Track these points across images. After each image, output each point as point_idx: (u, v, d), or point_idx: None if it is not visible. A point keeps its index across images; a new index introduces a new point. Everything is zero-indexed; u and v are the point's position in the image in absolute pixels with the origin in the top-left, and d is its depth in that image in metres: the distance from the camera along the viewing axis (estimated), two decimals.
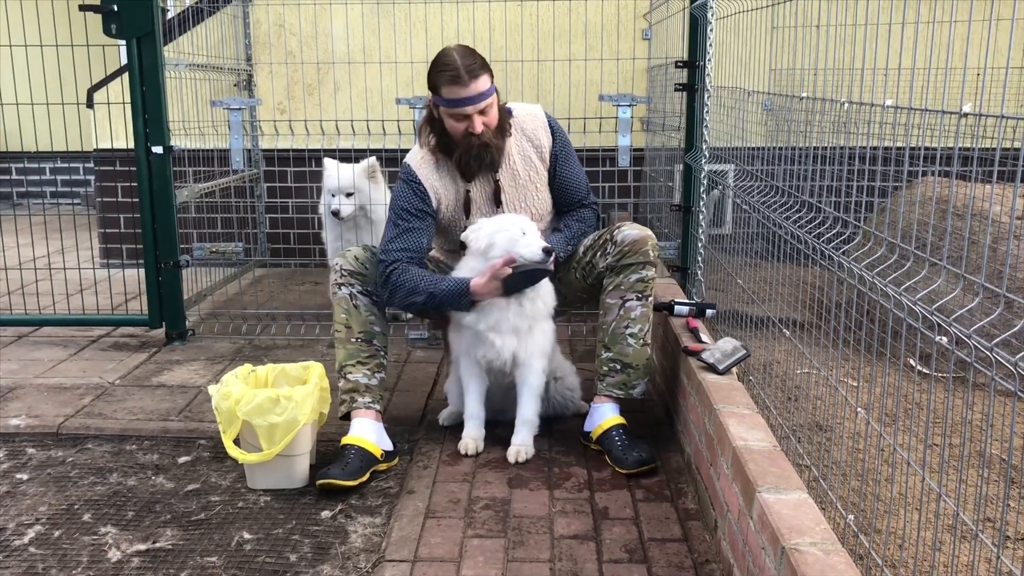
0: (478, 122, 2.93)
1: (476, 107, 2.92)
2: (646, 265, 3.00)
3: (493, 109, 2.98)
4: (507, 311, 2.93)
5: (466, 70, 2.86)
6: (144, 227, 4.20)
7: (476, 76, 2.88)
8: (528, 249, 2.88)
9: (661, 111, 4.94)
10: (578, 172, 3.23)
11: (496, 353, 2.96)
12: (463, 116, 2.93)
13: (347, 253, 3.08)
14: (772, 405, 2.79)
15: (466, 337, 3.01)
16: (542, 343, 3.03)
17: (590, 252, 3.11)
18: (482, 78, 2.90)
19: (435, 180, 3.07)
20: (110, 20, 3.99)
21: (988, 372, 1.44)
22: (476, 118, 2.93)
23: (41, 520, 2.60)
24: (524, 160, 3.12)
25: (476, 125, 2.93)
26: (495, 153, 3.01)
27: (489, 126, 2.98)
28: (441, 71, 2.89)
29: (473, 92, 2.89)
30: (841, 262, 2.06)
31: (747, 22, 3.13)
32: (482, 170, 3.05)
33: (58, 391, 3.65)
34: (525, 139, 3.12)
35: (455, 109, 2.92)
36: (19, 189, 8.77)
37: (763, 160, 3.02)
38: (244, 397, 2.70)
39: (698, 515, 2.61)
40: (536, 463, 2.97)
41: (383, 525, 2.57)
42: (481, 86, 2.90)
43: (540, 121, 3.15)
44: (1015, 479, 2.67)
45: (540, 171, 3.14)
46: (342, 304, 3.03)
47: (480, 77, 2.89)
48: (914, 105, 1.79)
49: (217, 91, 5.20)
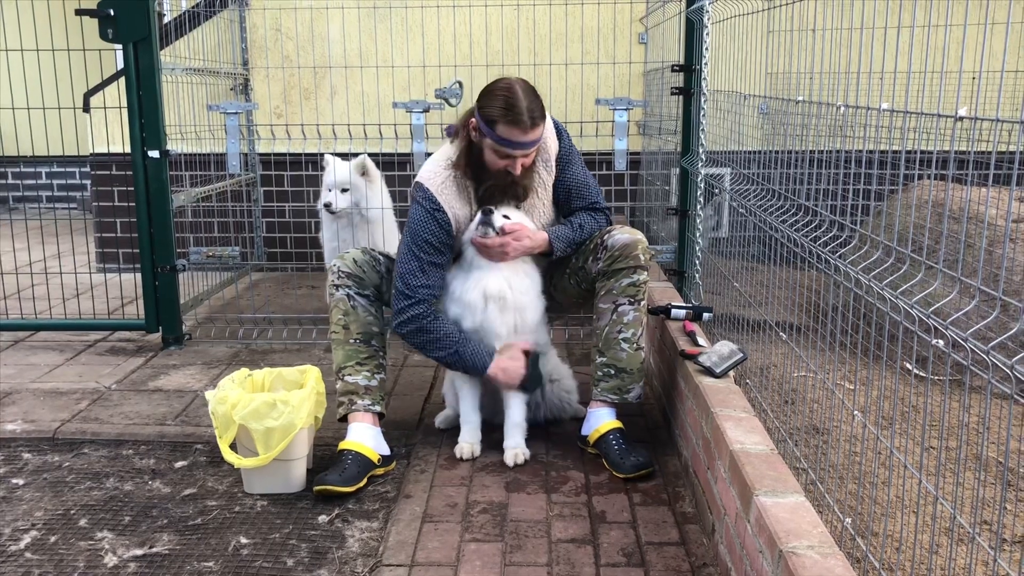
0: (519, 165, 2.89)
1: (526, 152, 2.87)
2: (637, 269, 2.99)
3: (535, 151, 2.94)
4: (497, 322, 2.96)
5: (529, 116, 2.77)
6: (140, 231, 4.19)
7: (537, 124, 2.81)
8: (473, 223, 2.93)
9: (657, 115, 4.95)
10: (584, 175, 3.15)
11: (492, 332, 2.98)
12: (508, 155, 2.86)
13: (345, 255, 3.07)
14: (769, 408, 2.79)
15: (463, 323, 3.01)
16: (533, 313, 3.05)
17: (582, 257, 3.09)
18: (542, 125, 2.84)
19: (456, 205, 2.97)
20: (106, 24, 3.99)
21: (984, 375, 1.44)
22: (519, 162, 2.88)
23: (37, 525, 2.60)
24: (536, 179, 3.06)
25: (518, 168, 2.89)
26: (521, 191, 2.97)
27: (526, 167, 2.94)
28: (505, 109, 2.77)
29: (531, 139, 2.83)
30: (837, 265, 2.07)
31: (743, 26, 3.14)
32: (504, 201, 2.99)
33: (54, 396, 3.65)
34: (539, 158, 3.04)
35: (505, 149, 2.84)
36: (15, 193, 8.76)
37: (759, 164, 3.03)
38: (241, 401, 2.69)
39: (695, 519, 2.61)
40: (533, 467, 2.96)
41: (380, 529, 2.56)
42: (538, 133, 2.84)
43: (548, 128, 3.04)
44: (1012, 482, 2.67)
45: (545, 179, 3.07)
46: (340, 305, 3.02)
47: (540, 125, 2.82)
48: (910, 109, 1.79)
49: (214, 95, 5.20)
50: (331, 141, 4.46)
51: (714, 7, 3.52)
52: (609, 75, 5.50)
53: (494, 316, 2.94)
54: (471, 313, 2.95)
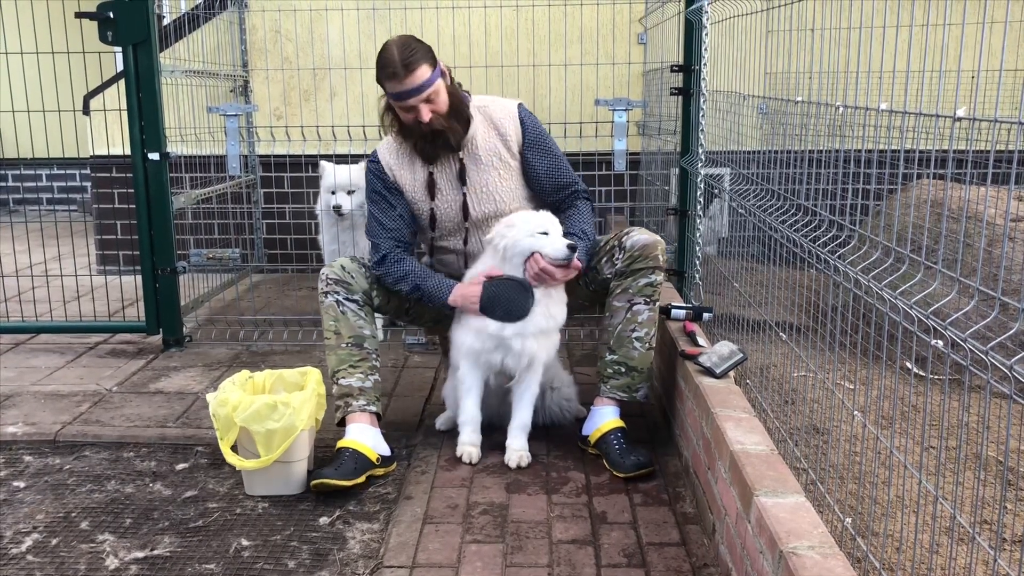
0: (425, 111, 2.97)
1: (418, 98, 2.96)
2: (655, 270, 3.02)
3: (441, 95, 3.01)
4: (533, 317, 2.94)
5: (403, 65, 2.91)
6: (141, 233, 4.20)
7: (413, 69, 2.92)
8: (552, 246, 2.91)
9: (657, 115, 4.95)
10: (556, 160, 3.21)
11: (516, 357, 2.97)
12: (409, 107, 2.98)
13: (334, 263, 3.11)
14: (769, 408, 2.79)
15: (480, 342, 2.98)
16: (551, 350, 3.07)
17: (595, 258, 3.12)
18: (420, 69, 2.93)
19: (393, 162, 3.16)
20: (106, 27, 3.99)
21: (984, 375, 1.44)
22: (423, 107, 2.97)
23: (39, 528, 2.60)
24: (487, 145, 3.13)
25: (423, 114, 2.98)
26: (449, 135, 3.04)
27: (438, 112, 3.01)
28: (381, 67, 2.96)
29: (411, 85, 2.93)
30: (837, 266, 2.07)
31: (742, 26, 3.14)
32: (440, 153, 3.10)
33: (55, 398, 3.65)
34: (491, 127, 3.14)
35: (399, 102, 2.99)
36: (16, 196, 8.77)
37: (759, 164, 3.03)
38: (242, 403, 2.69)
39: (696, 519, 2.61)
40: (534, 468, 2.97)
41: (381, 531, 2.57)
42: (419, 78, 2.93)
43: (509, 112, 3.17)
44: (1011, 481, 2.68)
45: (506, 159, 3.14)
46: (330, 312, 3.04)
47: (417, 69, 2.93)
48: (909, 108, 1.80)
49: (213, 97, 5.21)
50: (331, 143, 4.47)
51: (713, 7, 3.52)
52: (608, 76, 5.51)
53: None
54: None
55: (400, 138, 3.13)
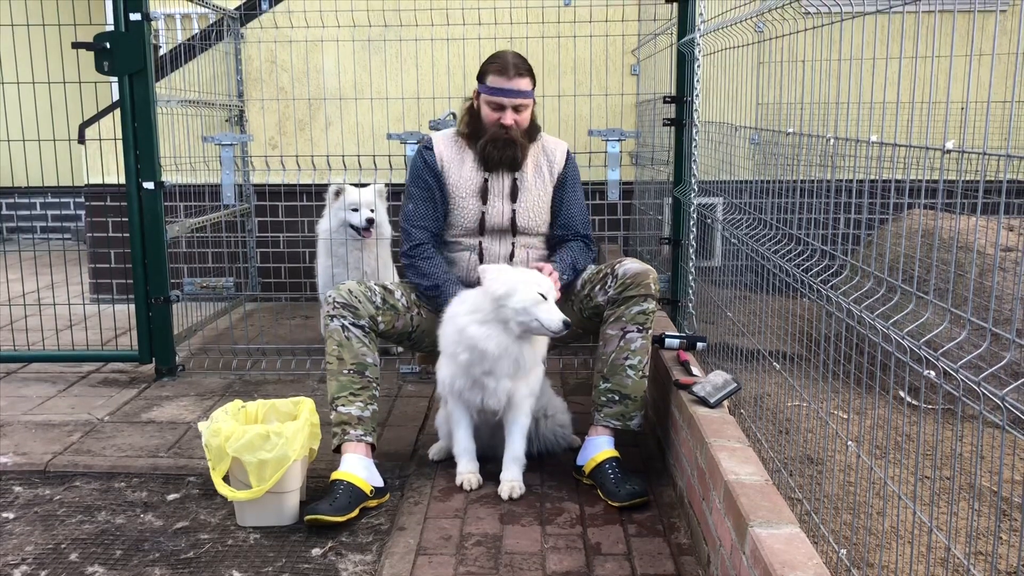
0: (510, 116, 3.16)
1: (512, 101, 3.15)
2: (647, 298, 3.04)
3: (527, 113, 3.21)
4: (504, 358, 2.89)
5: (514, 66, 3.14)
6: (135, 262, 4.19)
7: (521, 74, 3.15)
8: (548, 316, 2.82)
9: (650, 145, 4.98)
10: (579, 203, 3.39)
11: (492, 396, 2.94)
12: (499, 106, 3.15)
13: (340, 287, 3.09)
14: (763, 438, 2.79)
15: (459, 380, 2.96)
16: (533, 385, 3.04)
17: (588, 285, 3.16)
18: (526, 79, 3.16)
19: (447, 154, 3.27)
20: (102, 57, 4.01)
21: (976, 406, 1.45)
22: (509, 112, 3.16)
23: (27, 560, 2.57)
24: (536, 170, 3.31)
25: (508, 118, 3.15)
26: (517, 150, 3.20)
27: (520, 125, 3.19)
28: (492, 61, 3.18)
29: (514, 87, 3.14)
30: (829, 295, 2.08)
31: (734, 58, 3.17)
32: (502, 164, 3.22)
33: (46, 428, 3.63)
34: (543, 155, 3.33)
35: (494, 97, 3.15)
36: (9, 224, 8.76)
37: (751, 193, 3.05)
38: (234, 433, 2.68)
39: (691, 550, 2.59)
40: (528, 499, 2.95)
41: (374, 563, 2.55)
42: (522, 85, 3.15)
43: (561, 148, 3.38)
44: (1006, 512, 2.67)
45: (547, 187, 3.32)
46: (334, 336, 3.03)
47: (525, 77, 3.16)
48: (899, 140, 1.81)
49: (209, 127, 5.23)
50: (325, 172, 4.48)
51: (705, 40, 3.56)
52: (602, 106, 5.55)
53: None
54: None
55: (466, 139, 3.27)
